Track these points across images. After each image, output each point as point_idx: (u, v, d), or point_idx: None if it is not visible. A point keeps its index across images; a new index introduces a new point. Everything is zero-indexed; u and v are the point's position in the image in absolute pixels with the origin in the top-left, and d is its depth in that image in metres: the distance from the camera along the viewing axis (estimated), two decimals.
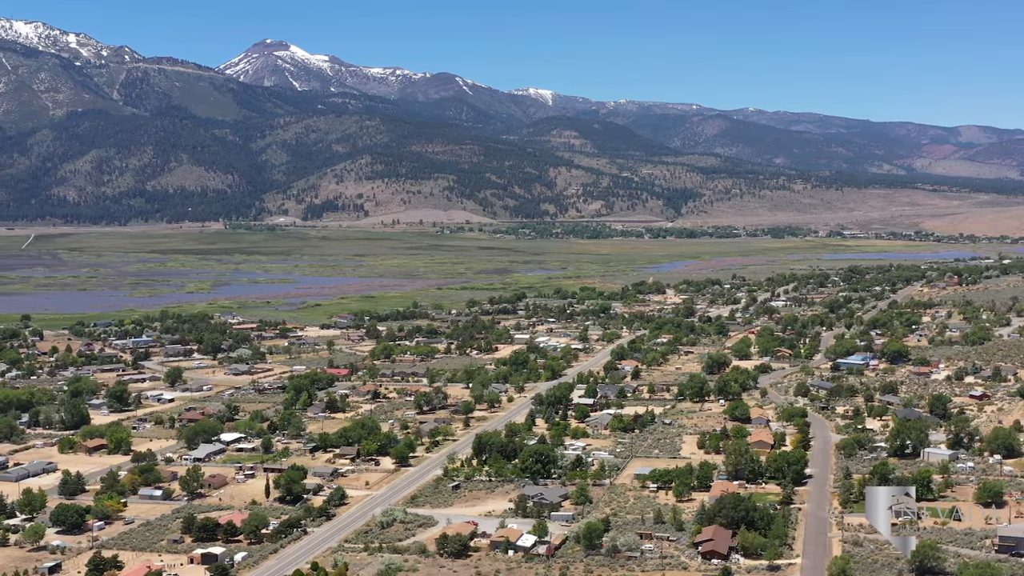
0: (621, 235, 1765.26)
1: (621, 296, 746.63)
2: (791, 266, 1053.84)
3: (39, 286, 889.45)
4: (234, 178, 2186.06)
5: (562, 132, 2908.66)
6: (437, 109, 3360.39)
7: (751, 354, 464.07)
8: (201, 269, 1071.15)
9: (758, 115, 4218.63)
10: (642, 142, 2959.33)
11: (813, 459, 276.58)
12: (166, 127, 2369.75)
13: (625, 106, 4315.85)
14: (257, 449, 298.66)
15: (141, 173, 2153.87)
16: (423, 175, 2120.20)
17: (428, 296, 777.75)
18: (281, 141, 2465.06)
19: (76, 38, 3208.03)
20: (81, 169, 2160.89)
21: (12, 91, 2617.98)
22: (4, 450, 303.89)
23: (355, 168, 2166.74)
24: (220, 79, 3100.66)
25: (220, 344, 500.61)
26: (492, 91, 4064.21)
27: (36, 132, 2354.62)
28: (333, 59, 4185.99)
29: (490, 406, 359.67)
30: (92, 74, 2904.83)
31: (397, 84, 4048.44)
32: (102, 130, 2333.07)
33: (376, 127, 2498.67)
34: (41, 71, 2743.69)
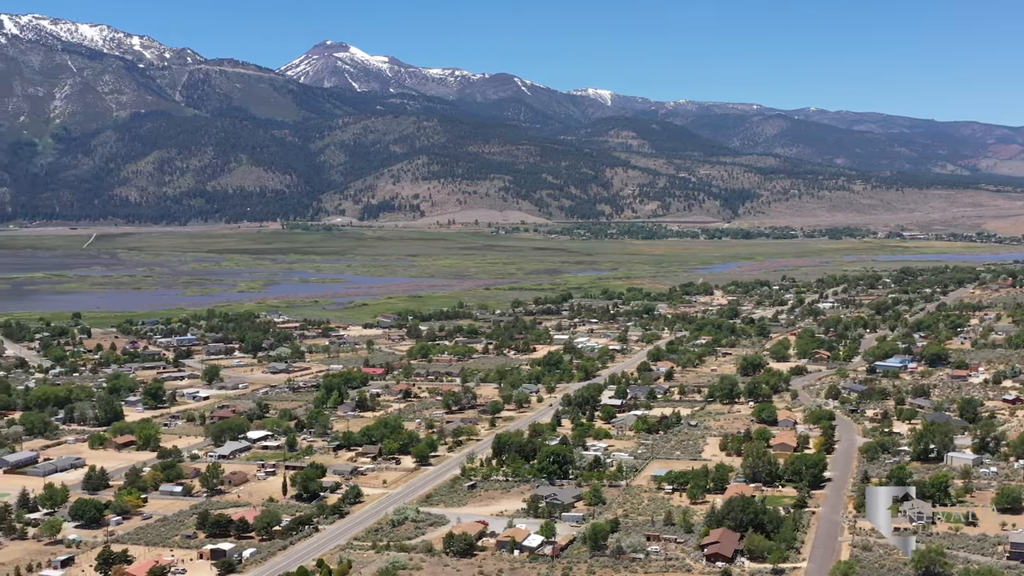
0: (676, 236, 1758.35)
1: (668, 297, 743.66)
2: (845, 268, 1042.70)
3: (95, 285, 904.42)
4: (292, 178, 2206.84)
5: (620, 132, 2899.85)
6: (495, 110, 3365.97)
7: (789, 356, 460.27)
8: (254, 269, 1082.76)
9: (820, 115, 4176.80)
10: (700, 142, 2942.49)
11: (835, 462, 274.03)
12: (226, 128, 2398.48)
13: (685, 106, 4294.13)
14: (282, 447, 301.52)
15: (201, 173, 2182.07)
16: (479, 175, 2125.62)
17: (475, 296, 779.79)
18: (339, 142, 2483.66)
19: (140, 40, 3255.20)
20: (143, 170, 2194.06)
21: (77, 93, 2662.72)
22: (36, 445, 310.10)
23: (412, 168, 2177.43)
24: (280, 80, 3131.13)
25: (261, 343, 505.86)
26: (550, 91, 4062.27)
27: (100, 133, 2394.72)
28: (392, 60, 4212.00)
29: (519, 406, 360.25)
30: (155, 76, 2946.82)
31: (456, 85, 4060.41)
32: (164, 131, 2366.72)
33: (433, 128, 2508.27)
34: (105, 73, 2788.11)
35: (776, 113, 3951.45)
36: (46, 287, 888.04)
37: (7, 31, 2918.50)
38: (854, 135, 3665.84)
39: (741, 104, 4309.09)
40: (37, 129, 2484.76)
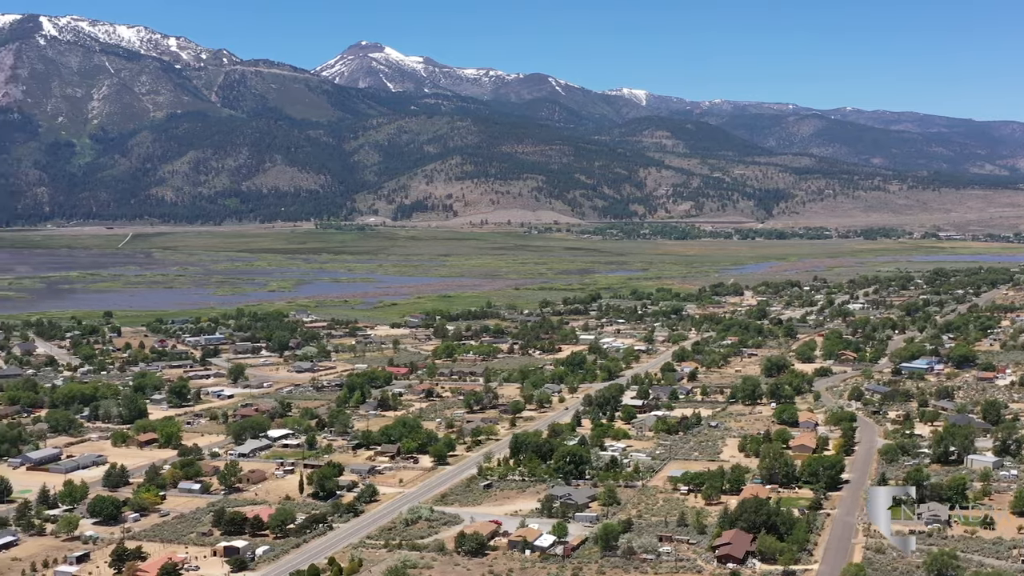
0: (709, 236, 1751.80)
1: (697, 298, 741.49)
2: (878, 268, 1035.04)
3: (128, 284, 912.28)
4: (326, 178, 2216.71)
5: (654, 132, 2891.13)
6: (529, 110, 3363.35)
7: (815, 357, 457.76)
8: (286, 268, 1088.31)
9: (856, 114, 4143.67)
10: (735, 142, 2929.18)
11: (854, 464, 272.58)
12: (261, 128, 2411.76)
13: (720, 106, 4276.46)
14: (302, 446, 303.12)
15: (236, 174, 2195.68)
16: (512, 175, 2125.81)
17: (504, 296, 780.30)
18: (373, 142, 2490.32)
19: (176, 41, 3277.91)
20: (179, 170, 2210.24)
21: (114, 94, 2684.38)
22: (60, 442, 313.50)
23: (445, 168, 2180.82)
24: (315, 81, 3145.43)
25: (288, 342, 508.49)
26: (585, 91, 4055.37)
27: (137, 134, 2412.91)
28: (427, 60, 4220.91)
29: (540, 406, 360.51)
30: (191, 76, 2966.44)
31: (490, 85, 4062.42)
32: (200, 131, 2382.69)
33: (467, 128, 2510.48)
34: (142, 74, 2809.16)
35: (812, 113, 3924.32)
36: (80, 286, 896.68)
37: (46, 33, 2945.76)
38: (891, 135, 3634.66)
39: (777, 104, 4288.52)
40: (75, 130, 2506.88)
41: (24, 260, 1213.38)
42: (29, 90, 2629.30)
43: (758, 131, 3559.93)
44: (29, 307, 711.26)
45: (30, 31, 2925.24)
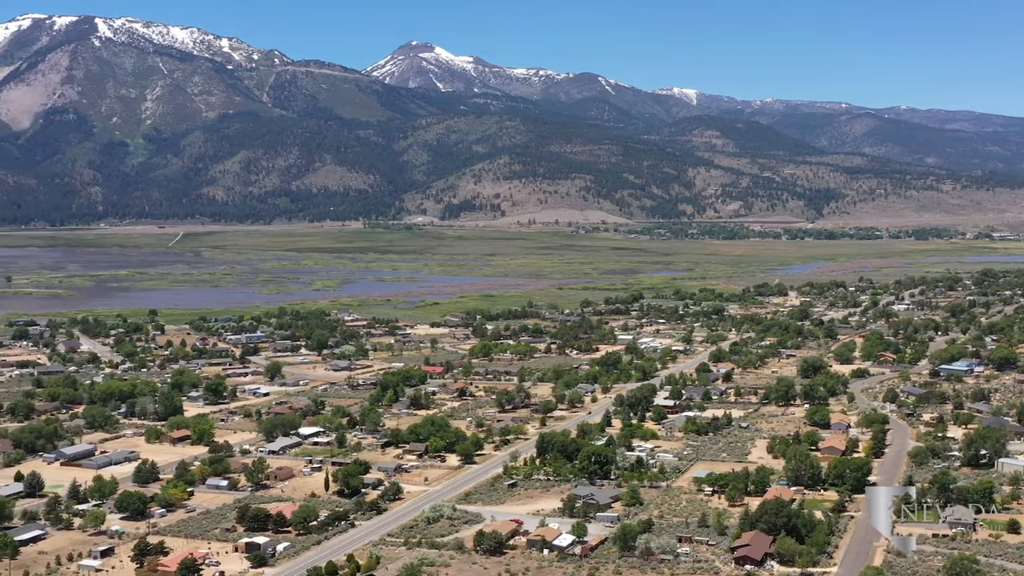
0: (758, 236, 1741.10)
1: (740, 298, 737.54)
2: (927, 269, 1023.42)
3: (175, 282, 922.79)
4: (375, 178, 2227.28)
5: (704, 132, 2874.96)
6: (578, 109, 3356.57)
7: (854, 358, 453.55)
8: (332, 267, 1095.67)
9: (910, 113, 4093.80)
10: (786, 141, 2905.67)
11: (883, 466, 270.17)
12: (311, 128, 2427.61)
13: (772, 105, 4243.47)
14: (332, 443, 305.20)
15: (286, 173, 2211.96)
16: (560, 175, 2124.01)
17: (547, 296, 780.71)
18: (423, 142, 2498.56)
19: (229, 42, 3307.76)
20: (230, 169, 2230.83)
21: (168, 94, 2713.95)
22: (96, 438, 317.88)
23: (493, 168, 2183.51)
24: (365, 81, 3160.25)
25: (327, 340, 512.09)
26: (635, 91, 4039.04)
27: (189, 134, 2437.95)
28: (477, 60, 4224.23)
29: (571, 406, 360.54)
30: (243, 77, 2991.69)
31: (540, 84, 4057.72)
32: (251, 131, 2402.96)
33: (516, 127, 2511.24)
34: (195, 75, 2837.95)
35: (865, 112, 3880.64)
36: (128, 284, 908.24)
37: (101, 34, 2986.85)
38: (945, 134, 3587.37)
39: (829, 103, 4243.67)
40: (129, 130, 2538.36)
41: (76, 258, 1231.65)
42: (84, 91, 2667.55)
43: (810, 130, 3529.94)
44: (78, 305, 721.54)
45: (86, 33, 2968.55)
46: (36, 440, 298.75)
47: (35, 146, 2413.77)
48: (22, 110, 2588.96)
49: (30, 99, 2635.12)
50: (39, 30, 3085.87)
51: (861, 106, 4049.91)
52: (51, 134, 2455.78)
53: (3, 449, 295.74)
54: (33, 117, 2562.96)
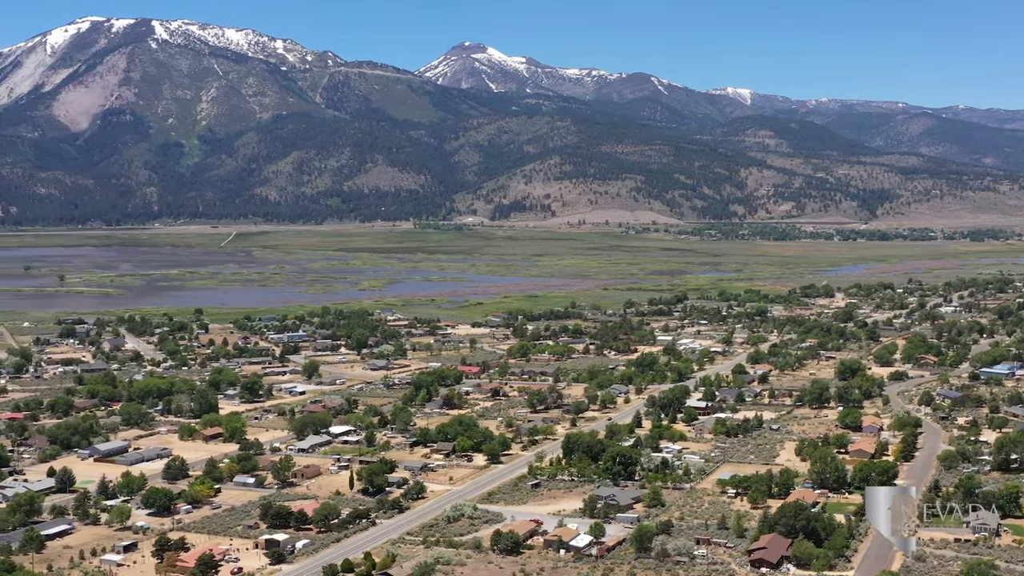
0: (810, 237, 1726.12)
1: (786, 299, 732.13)
2: (980, 271, 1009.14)
3: (224, 281, 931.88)
4: (426, 178, 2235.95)
5: (756, 132, 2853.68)
6: (631, 110, 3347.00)
7: (894, 361, 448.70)
8: (380, 267, 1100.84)
9: (968, 113, 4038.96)
10: (840, 142, 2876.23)
11: (912, 470, 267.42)
12: (363, 129, 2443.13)
13: (827, 104, 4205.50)
14: (361, 442, 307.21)
15: (338, 174, 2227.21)
16: (611, 175, 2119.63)
17: (591, 296, 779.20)
18: (474, 142, 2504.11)
19: (283, 44, 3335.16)
20: (283, 170, 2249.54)
21: (222, 96, 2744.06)
22: (131, 435, 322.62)
23: (544, 168, 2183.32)
24: (417, 81, 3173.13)
25: (367, 340, 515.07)
26: (688, 91, 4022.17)
27: (243, 135, 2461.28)
28: (530, 61, 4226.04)
29: (603, 406, 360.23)
30: (296, 78, 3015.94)
31: (592, 85, 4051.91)
32: (304, 132, 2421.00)
33: (567, 128, 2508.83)
34: (249, 76, 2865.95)
35: (922, 111, 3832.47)
36: (178, 283, 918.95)
37: (158, 37, 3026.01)
38: (1004, 133, 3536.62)
39: (886, 102, 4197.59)
40: (184, 131, 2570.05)
41: (129, 258, 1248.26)
42: (141, 92, 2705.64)
43: (865, 130, 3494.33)
44: (127, 304, 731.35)
45: (143, 35, 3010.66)
46: (72, 436, 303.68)
47: (92, 147, 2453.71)
48: (80, 111, 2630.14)
49: (88, 100, 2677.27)
50: (97, 32, 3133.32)
51: (918, 105, 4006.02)
52: (108, 135, 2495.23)
53: (40, 445, 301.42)
54: (91, 118, 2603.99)
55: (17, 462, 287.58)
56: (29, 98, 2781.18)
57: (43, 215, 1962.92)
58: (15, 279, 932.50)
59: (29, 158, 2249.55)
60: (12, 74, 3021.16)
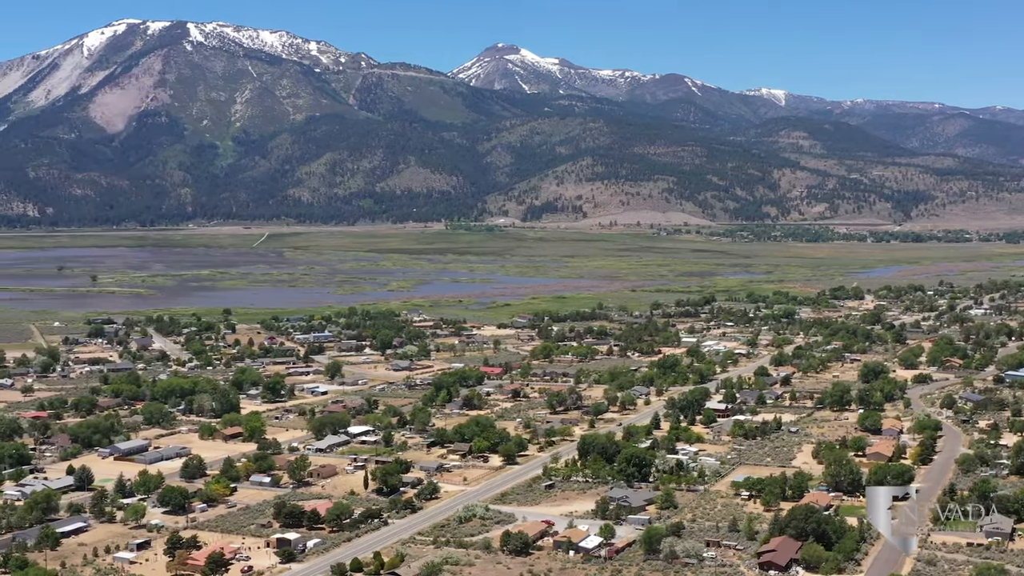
0: (843, 239, 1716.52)
1: (814, 301, 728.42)
2: (1014, 273, 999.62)
3: (254, 282, 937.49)
4: (458, 179, 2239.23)
5: (790, 133, 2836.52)
6: (664, 111, 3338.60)
7: (918, 363, 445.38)
8: (410, 268, 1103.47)
9: (1006, 113, 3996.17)
10: (875, 143, 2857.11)
11: (929, 473, 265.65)
12: (396, 130, 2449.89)
13: (862, 105, 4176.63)
14: (379, 442, 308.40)
15: (371, 175, 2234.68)
16: (643, 177, 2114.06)
17: (618, 297, 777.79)
18: (506, 143, 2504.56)
19: (316, 46, 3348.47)
20: (316, 171, 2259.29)
21: (256, 97, 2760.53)
22: (152, 434, 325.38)
23: (576, 170, 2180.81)
24: (450, 83, 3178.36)
25: (391, 340, 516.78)
26: (721, 92, 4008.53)
27: (276, 136, 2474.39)
28: (563, 62, 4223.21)
29: (623, 408, 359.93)
30: (330, 80, 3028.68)
31: (625, 86, 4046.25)
32: (337, 133, 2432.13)
33: (599, 129, 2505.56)
34: (283, 78, 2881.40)
35: (959, 112, 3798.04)
36: (209, 284, 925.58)
37: (193, 39, 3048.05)
38: None
39: (922, 103, 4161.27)
40: (219, 132, 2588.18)
41: (162, 258, 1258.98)
42: (176, 94, 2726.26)
43: (900, 131, 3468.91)
44: (157, 304, 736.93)
45: (178, 37, 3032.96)
46: (93, 435, 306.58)
47: (128, 148, 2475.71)
48: (116, 113, 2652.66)
49: (124, 102, 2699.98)
50: (133, 35, 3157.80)
51: (955, 106, 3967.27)
52: (143, 136, 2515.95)
53: (61, 444, 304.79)
54: (127, 120, 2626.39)
55: (39, 460, 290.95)
56: (66, 100, 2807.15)
57: (79, 216, 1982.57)
58: (48, 279, 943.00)
59: (65, 159, 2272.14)
60: (49, 76, 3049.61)
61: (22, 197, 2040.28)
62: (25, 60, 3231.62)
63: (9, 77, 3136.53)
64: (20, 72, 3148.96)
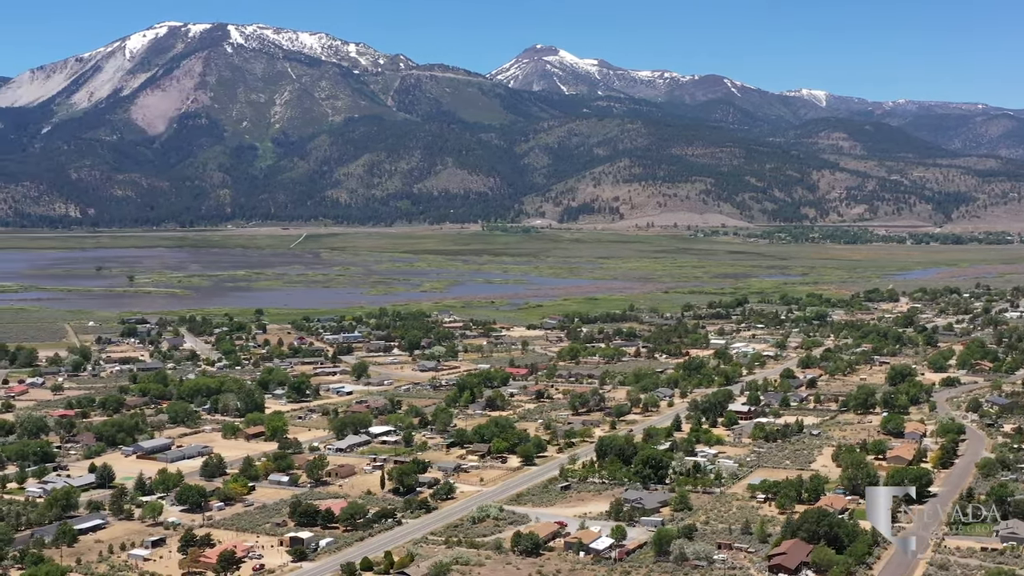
0: (881, 240, 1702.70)
1: (848, 303, 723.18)
2: None
3: (289, 283, 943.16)
4: (495, 181, 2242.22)
5: (830, 134, 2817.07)
6: (703, 112, 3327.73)
7: (948, 366, 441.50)
8: (444, 269, 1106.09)
9: None
10: (916, 144, 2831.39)
11: (949, 477, 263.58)
12: (434, 132, 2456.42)
13: (904, 106, 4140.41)
14: (399, 442, 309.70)
15: (408, 176, 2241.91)
16: (680, 178, 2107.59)
17: (651, 299, 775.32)
18: (543, 144, 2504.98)
19: (355, 47, 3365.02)
20: (354, 172, 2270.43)
21: (296, 99, 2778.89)
22: (176, 433, 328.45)
23: (613, 171, 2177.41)
24: (488, 84, 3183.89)
25: (419, 341, 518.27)
26: (761, 92, 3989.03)
27: (315, 137, 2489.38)
28: (602, 63, 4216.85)
29: (645, 410, 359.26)
30: (368, 81, 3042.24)
31: (664, 87, 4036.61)
32: (375, 135, 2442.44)
33: (637, 130, 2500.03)
34: (322, 79, 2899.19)
35: (1003, 113, 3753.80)
36: (244, 284, 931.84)
37: (233, 41, 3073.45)
38: None
39: (965, 104, 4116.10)
40: (258, 134, 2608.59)
41: (199, 259, 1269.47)
42: (216, 96, 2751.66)
43: (943, 132, 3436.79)
44: (191, 304, 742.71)
45: (219, 39, 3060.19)
46: (117, 433, 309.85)
47: (169, 150, 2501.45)
48: (157, 115, 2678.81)
49: (165, 104, 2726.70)
50: (175, 37, 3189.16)
51: (999, 107, 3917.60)
52: (184, 138, 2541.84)
53: (86, 442, 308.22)
54: (168, 122, 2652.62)
55: (63, 458, 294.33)
56: (108, 102, 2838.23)
57: (119, 216, 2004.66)
58: (87, 279, 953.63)
59: (107, 161, 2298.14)
60: (92, 78, 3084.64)
61: (64, 198, 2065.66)
62: (69, 63, 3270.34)
63: (53, 79, 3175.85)
64: (64, 74, 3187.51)
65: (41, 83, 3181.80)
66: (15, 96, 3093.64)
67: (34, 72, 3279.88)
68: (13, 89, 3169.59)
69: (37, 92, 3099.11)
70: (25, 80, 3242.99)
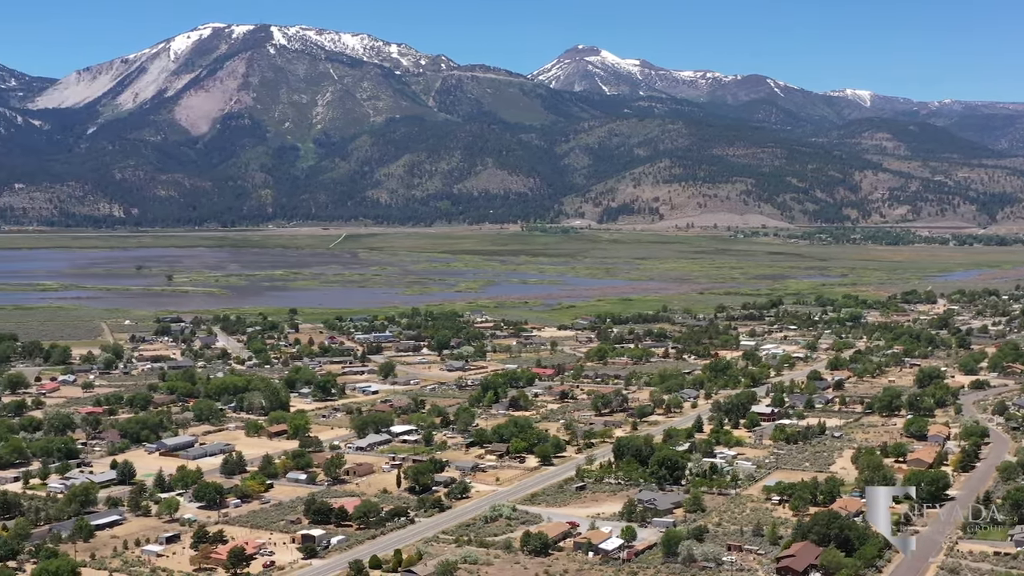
0: (924, 242, 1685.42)
1: (884, 305, 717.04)
2: None
3: (325, 282, 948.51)
4: (535, 181, 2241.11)
5: (874, 134, 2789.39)
6: (745, 112, 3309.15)
7: (979, 369, 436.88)
8: (480, 269, 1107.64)
9: None
10: (961, 144, 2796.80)
11: (969, 480, 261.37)
12: (475, 132, 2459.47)
13: (949, 106, 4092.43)
14: (420, 442, 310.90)
15: (448, 176, 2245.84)
16: (720, 178, 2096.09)
17: (685, 300, 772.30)
18: (584, 145, 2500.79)
19: (397, 48, 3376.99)
20: (394, 173, 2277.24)
21: (337, 100, 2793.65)
22: (200, 431, 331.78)
23: (653, 171, 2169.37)
24: (529, 85, 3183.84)
25: (448, 341, 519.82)
26: (805, 92, 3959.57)
27: (357, 138, 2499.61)
28: (643, 63, 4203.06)
29: (668, 411, 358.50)
30: (410, 82, 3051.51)
31: (706, 87, 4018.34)
32: (416, 135, 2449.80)
33: (678, 130, 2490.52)
34: (364, 80, 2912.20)
35: None
36: (281, 284, 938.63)
37: (276, 42, 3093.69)
38: None
39: (1013, 103, 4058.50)
40: (300, 134, 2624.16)
41: (238, 259, 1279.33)
42: (259, 97, 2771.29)
43: (989, 132, 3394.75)
44: (227, 303, 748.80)
45: (262, 40, 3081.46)
46: (141, 431, 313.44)
47: (212, 150, 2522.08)
48: (201, 116, 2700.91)
49: (208, 105, 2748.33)
50: (218, 39, 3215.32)
51: None
52: (227, 139, 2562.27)
53: (111, 439, 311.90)
54: (211, 122, 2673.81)
55: (88, 455, 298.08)
56: (152, 103, 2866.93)
57: (162, 216, 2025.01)
58: (126, 278, 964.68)
59: (151, 161, 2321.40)
60: (137, 79, 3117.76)
61: (108, 198, 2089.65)
62: (114, 64, 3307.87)
63: (99, 80, 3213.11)
64: (109, 76, 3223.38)
65: (87, 84, 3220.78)
66: (62, 97, 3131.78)
67: (80, 73, 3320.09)
68: (60, 90, 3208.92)
69: (83, 93, 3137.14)
70: (72, 81, 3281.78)
